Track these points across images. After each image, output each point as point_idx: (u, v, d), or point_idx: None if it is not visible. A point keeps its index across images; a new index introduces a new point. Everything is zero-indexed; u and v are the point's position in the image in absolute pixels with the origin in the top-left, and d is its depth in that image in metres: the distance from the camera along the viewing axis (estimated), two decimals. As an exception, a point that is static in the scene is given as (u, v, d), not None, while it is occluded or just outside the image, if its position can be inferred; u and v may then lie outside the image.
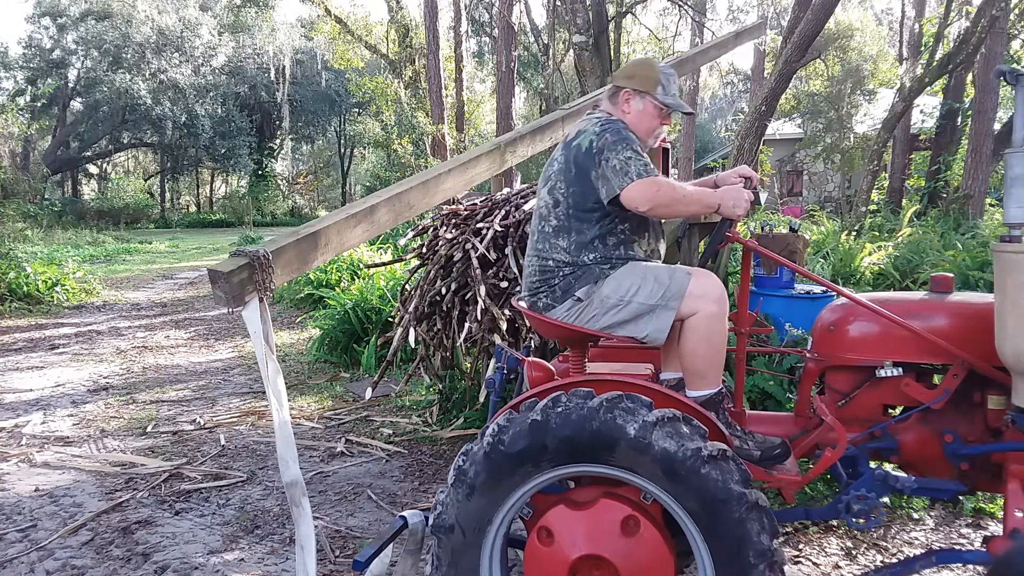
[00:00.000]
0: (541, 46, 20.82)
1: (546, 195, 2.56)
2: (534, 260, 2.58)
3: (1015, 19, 12.06)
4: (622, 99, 2.60)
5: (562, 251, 2.50)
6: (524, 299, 2.63)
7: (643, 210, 2.32)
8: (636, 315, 2.39)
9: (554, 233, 2.52)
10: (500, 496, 2.18)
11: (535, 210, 2.63)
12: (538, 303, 2.54)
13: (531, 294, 2.58)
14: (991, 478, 2.40)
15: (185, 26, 34.20)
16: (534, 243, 2.60)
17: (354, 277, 9.42)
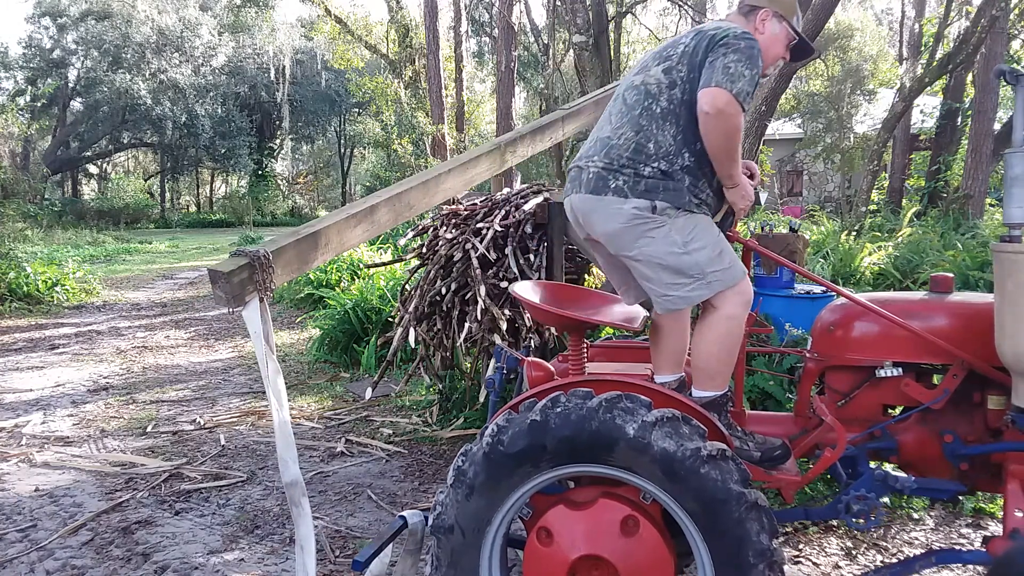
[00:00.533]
0: (541, 46, 20.81)
1: (660, 73, 2.33)
2: (630, 134, 2.31)
3: (1015, 19, 12.06)
4: (759, 18, 2.45)
5: (667, 140, 2.29)
6: (584, 180, 2.36)
7: (704, 111, 2.18)
8: (679, 271, 2.28)
9: (662, 115, 2.30)
10: (499, 496, 2.18)
11: (634, 86, 2.39)
12: (611, 183, 2.30)
13: (607, 169, 2.32)
14: (991, 478, 2.40)
15: (185, 26, 34.21)
16: (634, 117, 2.33)
17: (354, 277, 9.42)
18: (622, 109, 2.41)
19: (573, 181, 2.45)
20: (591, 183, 2.35)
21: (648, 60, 2.44)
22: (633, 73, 2.47)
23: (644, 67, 2.43)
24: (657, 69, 2.36)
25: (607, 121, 2.45)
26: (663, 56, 2.38)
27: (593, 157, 2.38)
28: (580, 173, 2.41)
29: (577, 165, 2.44)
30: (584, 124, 4.82)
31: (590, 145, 2.45)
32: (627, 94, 2.42)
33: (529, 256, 4.85)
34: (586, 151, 2.44)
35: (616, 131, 2.36)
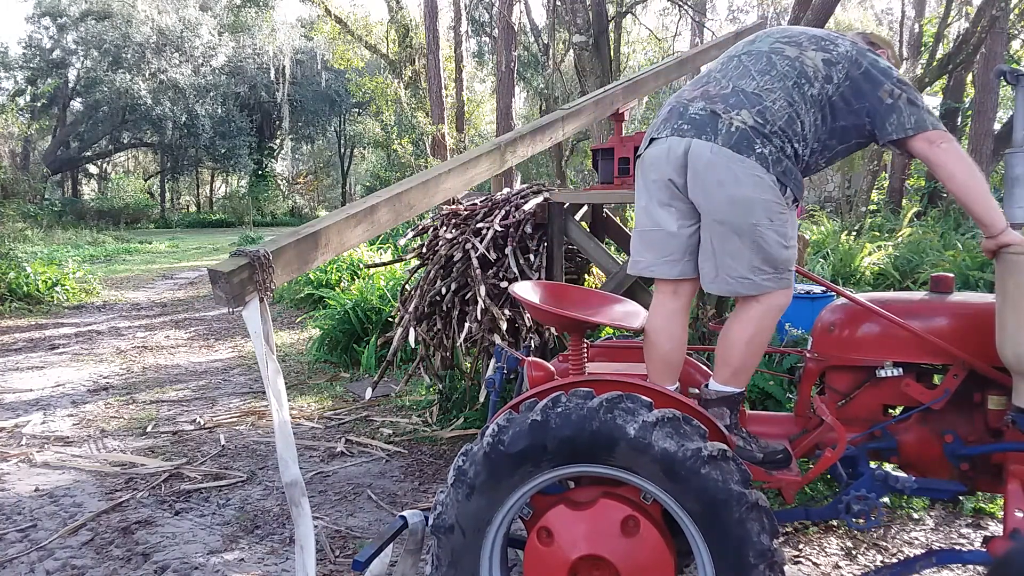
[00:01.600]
0: (541, 46, 20.82)
1: (819, 61, 2.23)
2: (782, 103, 2.17)
3: (1015, 19, 12.06)
4: (881, 54, 2.39)
5: (812, 127, 2.21)
6: (723, 130, 2.16)
7: (930, 159, 2.13)
8: (773, 261, 2.22)
9: (812, 101, 2.21)
10: (500, 496, 2.18)
11: (785, 55, 2.26)
12: (756, 147, 2.14)
13: (757, 131, 2.14)
14: (991, 478, 2.40)
15: (185, 26, 34.21)
16: (788, 88, 2.20)
17: (354, 277, 9.42)
18: (766, 70, 2.24)
19: (695, 124, 2.21)
20: (733, 137, 2.14)
21: (797, 36, 2.32)
22: (776, 38, 2.33)
23: (794, 40, 2.30)
24: (816, 55, 2.24)
25: (745, 75, 2.27)
26: (820, 44, 2.27)
27: (739, 109, 2.17)
28: (715, 120, 2.18)
29: (711, 110, 2.20)
30: (584, 124, 4.82)
31: (723, 93, 2.24)
32: (776, 58, 2.26)
33: (529, 256, 4.85)
34: (719, 96, 2.23)
35: (766, 92, 2.20)
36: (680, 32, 21.92)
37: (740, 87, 2.23)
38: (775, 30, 2.43)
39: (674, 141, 2.23)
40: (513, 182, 12.49)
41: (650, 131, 2.38)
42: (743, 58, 2.33)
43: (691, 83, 2.41)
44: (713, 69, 2.39)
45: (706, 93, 2.27)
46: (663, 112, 2.38)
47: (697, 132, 2.19)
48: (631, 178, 4.80)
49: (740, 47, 2.41)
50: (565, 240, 5.07)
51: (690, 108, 2.25)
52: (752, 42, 2.40)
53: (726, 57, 2.40)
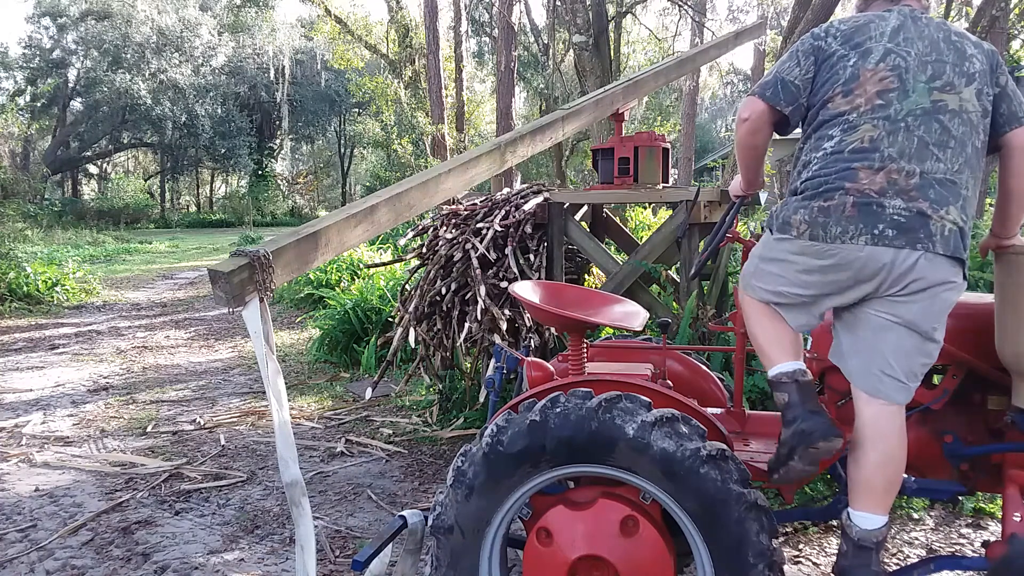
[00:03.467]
0: (541, 46, 20.81)
1: (974, 97, 2.00)
2: (971, 182, 1.97)
3: (1015, 19, 12.05)
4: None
5: (972, 187, 1.98)
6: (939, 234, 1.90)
7: None
8: (926, 367, 2.07)
9: (976, 156, 2.01)
10: (499, 497, 2.18)
11: (950, 109, 1.98)
12: (966, 245, 1.95)
13: (964, 230, 1.94)
14: (991, 479, 2.40)
15: (185, 26, 34.22)
16: (969, 157, 1.98)
17: (354, 277, 9.42)
18: (944, 142, 1.96)
19: (902, 229, 1.90)
20: (949, 243, 1.90)
21: (943, 69, 2.02)
22: (928, 84, 2.00)
23: (947, 83, 2.01)
24: (969, 92, 2.00)
25: (924, 152, 1.95)
26: (964, 71, 2.02)
27: (946, 207, 1.91)
28: (925, 223, 1.90)
29: (917, 209, 1.91)
30: (584, 124, 4.82)
31: (916, 183, 1.93)
32: (945, 120, 1.98)
33: (529, 256, 4.85)
34: (915, 189, 1.92)
35: (958, 176, 1.96)
36: (680, 32, 21.92)
37: (930, 173, 1.94)
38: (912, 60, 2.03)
39: (878, 252, 1.92)
40: (513, 182, 12.49)
41: (817, 224, 1.99)
42: (910, 122, 1.97)
43: (852, 155, 1.98)
44: (876, 137, 1.97)
45: (894, 183, 1.93)
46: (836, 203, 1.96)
47: (909, 240, 1.90)
48: (631, 178, 4.80)
49: (887, 93, 2.00)
50: (565, 240, 5.08)
51: (887, 207, 1.91)
52: (903, 91, 2.00)
53: (885, 119, 1.98)
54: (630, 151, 4.79)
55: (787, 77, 2.13)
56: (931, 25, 2.09)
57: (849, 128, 2.02)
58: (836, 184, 1.98)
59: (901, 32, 2.07)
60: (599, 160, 5.01)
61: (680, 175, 21.69)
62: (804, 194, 2.06)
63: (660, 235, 4.94)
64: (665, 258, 5.13)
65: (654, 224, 9.17)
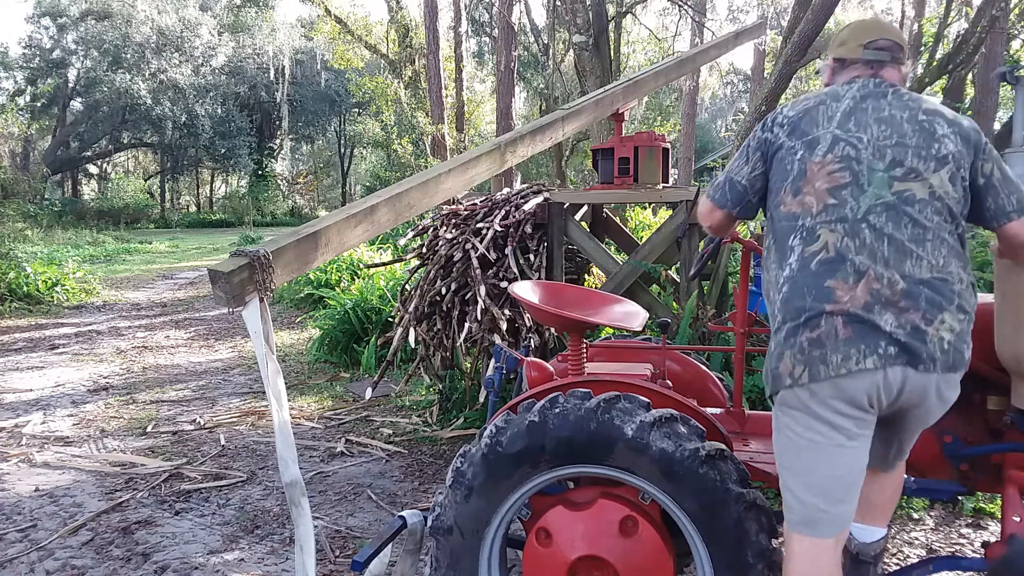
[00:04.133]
0: (541, 46, 20.81)
1: (947, 182, 1.77)
2: (963, 274, 1.77)
3: (1015, 19, 12.05)
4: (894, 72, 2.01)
5: (966, 278, 1.79)
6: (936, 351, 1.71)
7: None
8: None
9: (961, 245, 1.80)
10: (498, 497, 2.18)
11: (919, 199, 1.76)
12: (966, 354, 1.76)
13: (962, 335, 1.74)
14: (991, 479, 2.40)
15: (185, 26, 34.21)
16: (954, 248, 1.77)
17: (354, 277, 9.42)
18: (921, 237, 1.74)
19: (902, 346, 1.69)
20: (950, 358, 1.72)
21: (907, 157, 1.79)
22: (887, 172, 1.78)
23: (909, 169, 1.78)
24: (940, 177, 1.77)
25: (902, 253, 1.72)
26: (933, 155, 1.78)
27: (940, 313, 1.70)
28: (922, 338, 1.69)
29: (912, 324, 1.69)
30: (584, 124, 4.82)
31: (903, 289, 1.70)
32: (913, 211, 1.75)
33: (529, 256, 4.86)
34: (903, 297, 1.70)
35: (943, 268, 1.73)
36: (680, 32, 21.91)
37: (914, 276, 1.71)
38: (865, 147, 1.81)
39: (892, 374, 1.71)
40: (513, 182, 12.49)
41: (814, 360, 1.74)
42: (872, 220, 1.75)
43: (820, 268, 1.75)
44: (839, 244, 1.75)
45: (877, 294, 1.70)
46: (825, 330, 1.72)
47: (911, 360, 1.70)
48: (631, 178, 4.80)
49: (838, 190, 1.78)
50: (565, 240, 5.08)
51: (880, 324, 1.69)
52: (856, 185, 1.78)
53: (841, 221, 1.76)
54: (630, 151, 4.79)
55: (735, 177, 2.00)
56: (896, 103, 1.86)
57: (807, 235, 1.79)
58: (815, 309, 1.73)
59: (853, 115, 1.85)
60: (599, 160, 5.01)
61: (680, 175, 21.69)
62: (782, 332, 1.79)
63: (660, 235, 4.94)
64: (665, 258, 5.13)
65: (654, 224, 9.17)
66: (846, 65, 2.00)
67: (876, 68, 1.94)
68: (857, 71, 1.97)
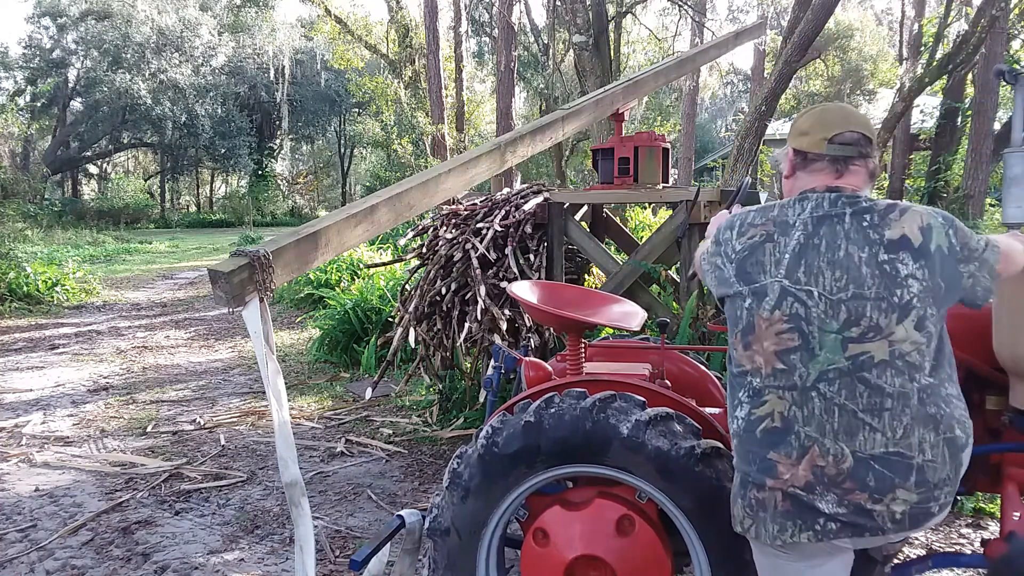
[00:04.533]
0: (541, 46, 20.82)
1: (910, 330, 1.60)
2: (931, 437, 1.59)
3: (1015, 19, 12.06)
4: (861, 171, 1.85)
5: (958, 414, 1.65)
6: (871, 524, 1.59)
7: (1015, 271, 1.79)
8: None
9: (938, 381, 1.64)
10: (495, 498, 2.18)
11: (887, 368, 1.60)
12: (934, 510, 1.63)
13: (930, 502, 1.61)
14: (989, 479, 2.40)
15: (185, 26, 34.21)
16: (920, 408, 1.60)
17: (354, 277, 9.42)
18: (878, 403, 1.60)
19: (840, 524, 1.61)
20: (905, 522, 1.61)
21: (865, 312, 1.61)
22: (840, 332, 1.62)
23: (867, 327, 1.61)
24: (904, 328, 1.60)
25: (862, 424, 1.60)
26: (896, 303, 1.61)
27: (892, 492, 1.59)
28: (869, 516, 1.60)
29: (855, 504, 1.60)
30: (584, 124, 4.83)
31: (851, 464, 1.60)
32: (876, 375, 1.60)
33: (529, 256, 4.86)
34: (848, 476, 1.59)
35: (901, 440, 1.59)
36: (680, 32, 21.92)
37: (865, 451, 1.60)
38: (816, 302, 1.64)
39: (831, 548, 1.65)
40: (513, 182, 12.49)
41: (758, 520, 1.68)
42: (823, 389, 1.62)
43: (764, 438, 1.66)
44: (786, 415, 1.65)
45: (820, 473, 1.60)
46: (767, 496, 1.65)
47: (856, 531, 1.61)
48: (631, 178, 4.80)
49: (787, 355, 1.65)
50: (565, 240, 5.08)
51: (819, 505, 1.60)
52: (807, 349, 1.63)
53: (790, 389, 1.65)
54: (630, 151, 4.80)
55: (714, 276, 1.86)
56: (854, 233, 1.65)
57: (755, 397, 1.69)
58: (758, 479, 1.67)
59: (804, 257, 1.66)
60: (599, 160, 5.02)
61: (680, 175, 21.69)
62: (737, 477, 1.74)
63: (660, 235, 4.94)
64: (665, 258, 5.13)
65: (654, 224, 9.17)
66: (808, 160, 1.78)
67: (841, 167, 1.74)
68: (821, 167, 1.76)
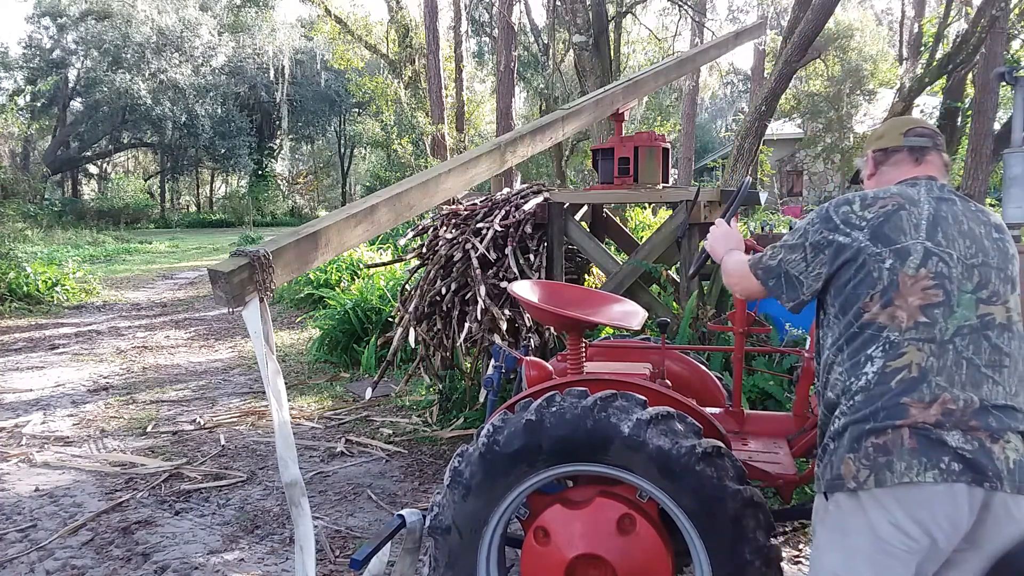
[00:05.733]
0: (541, 46, 20.82)
1: (1018, 305, 1.77)
2: (1015, 415, 1.69)
3: (1015, 19, 12.06)
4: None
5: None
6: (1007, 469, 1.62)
7: None
8: None
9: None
10: (496, 496, 2.18)
11: (1005, 331, 1.73)
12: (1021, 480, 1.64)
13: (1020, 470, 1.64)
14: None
15: (185, 26, 34.22)
16: (1013, 382, 1.71)
17: (354, 277, 9.42)
18: (998, 360, 1.71)
19: (964, 463, 1.63)
20: (1016, 476, 1.64)
21: (991, 278, 1.76)
22: (973, 293, 1.73)
23: (992, 291, 1.75)
24: (1016, 299, 1.77)
25: (977, 377, 1.69)
26: (1009, 276, 1.78)
27: (1007, 434, 1.66)
28: (988, 455, 1.63)
29: (978, 440, 1.64)
30: (584, 124, 4.83)
31: (977, 408, 1.66)
32: (997, 335, 1.73)
33: (529, 256, 4.86)
34: (974, 417, 1.66)
35: (1014, 397, 1.71)
36: (680, 32, 21.93)
37: (988, 400, 1.68)
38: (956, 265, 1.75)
39: (953, 490, 1.63)
40: (513, 182, 12.50)
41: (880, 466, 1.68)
42: (958, 343, 1.71)
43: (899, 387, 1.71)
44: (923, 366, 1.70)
45: (949, 414, 1.67)
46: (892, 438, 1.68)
47: (976, 478, 1.63)
48: (631, 178, 4.81)
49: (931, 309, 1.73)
50: (565, 240, 5.08)
51: (947, 440, 1.65)
52: (948, 305, 1.72)
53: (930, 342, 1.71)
54: (630, 151, 4.80)
55: (791, 271, 1.91)
56: (967, 213, 1.83)
57: (892, 350, 1.73)
58: (885, 423, 1.70)
59: (939, 226, 1.78)
60: (599, 160, 5.02)
61: (680, 175, 21.70)
62: (845, 436, 1.75)
63: (660, 235, 4.94)
64: (665, 258, 5.14)
65: (654, 224, 9.17)
66: (889, 154, 1.98)
67: (919, 156, 1.93)
68: (901, 158, 1.95)
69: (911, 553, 1.66)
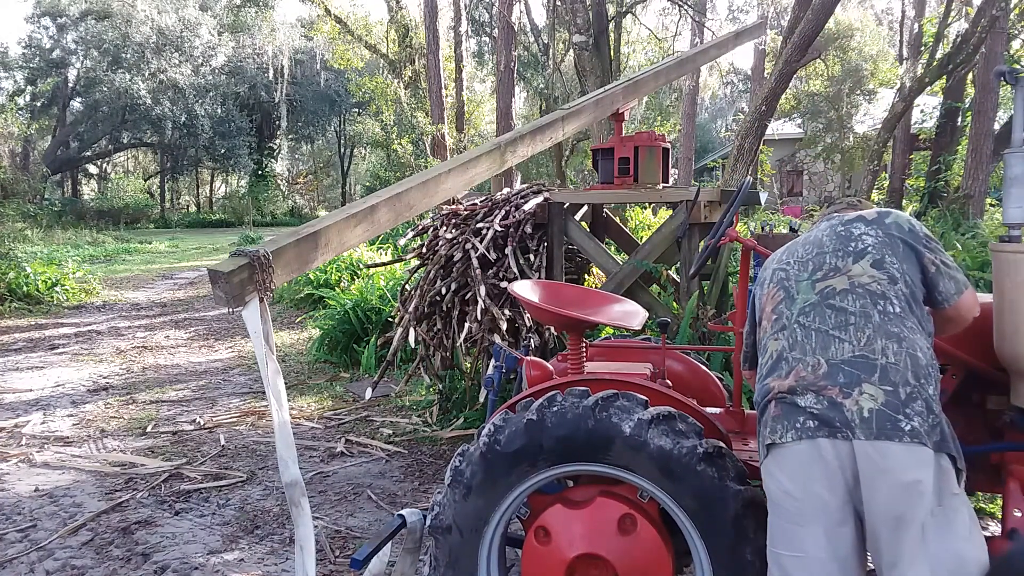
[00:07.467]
0: (541, 46, 20.83)
1: (867, 268, 1.95)
2: (894, 347, 1.83)
3: (1015, 19, 12.05)
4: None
5: (923, 349, 1.87)
6: (857, 419, 1.76)
7: (965, 323, 2.04)
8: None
9: (904, 317, 1.90)
10: (497, 496, 2.18)
11: (848, 294, 1.92)
12: (904, 426, 1.74)
13: (898, 411, 1.76)
14: (990, 478, 2.40)
15: (185, 26, 34.21)
16: (882, 325, 1.86)
17: (354, 277, 9.42)
18: (844, 320, 1.90)
19: (817, 419, 1.81)
20: (872, 425, 1.75)
21: (825, 261, 2.02)
22: (811, 279, 2.00)
23: (828, 269, 2.00)
24: (861, 265, 1.95)
25: (833, 339, 1.89)
26: (850, 251, 1.99)
27: (859, 385, 1.80)
28: (837, 409, 1.79)
29: (828, 398, 1.81)
30: (584, 124, 4.83)
31: (826, 369, 1.85)
32: (839, 300, 1.93)
33: (529, 256, 4.86)
34: (823, 377, 1.84)
35: (865, 346, 1.85)
36: (680, 32, 21.91)
37: (836, 358, 1.86)
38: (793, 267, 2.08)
39: (811, 446, 1.81)
40: (513, 182, 12.50)
41: (763, 437, 1.94)
42: (802, 321, 1.96)
43: (767, 374, 2.00)
44: (779, 350, 1.98)
45: (802, 379, 1.88)
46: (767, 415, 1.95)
47: (830, 431, 1.79)
48: (631, 178, 4.81)
49: (778, 307, 2.04)
50: (565, 240, 5.08)
51: (800, 403, 1.85)
52: (789, 298, 2.03)
53: (781, 330, 2.00)
54: (630, 151, 4.79)
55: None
56: (822, 225, 2.17)
57: (764, 352, 2.08)
58: (760, 404, 2.02)
59: (787, 250, 2.17)
60: (599, 160, 5.01)
61: (680, 175, 21.70)
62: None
63: (660, 235, 4.94)
64: (665, 258, 5.13)
65: (654, 224, 9.17)
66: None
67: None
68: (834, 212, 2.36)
69: (802, 515, 1.82)
